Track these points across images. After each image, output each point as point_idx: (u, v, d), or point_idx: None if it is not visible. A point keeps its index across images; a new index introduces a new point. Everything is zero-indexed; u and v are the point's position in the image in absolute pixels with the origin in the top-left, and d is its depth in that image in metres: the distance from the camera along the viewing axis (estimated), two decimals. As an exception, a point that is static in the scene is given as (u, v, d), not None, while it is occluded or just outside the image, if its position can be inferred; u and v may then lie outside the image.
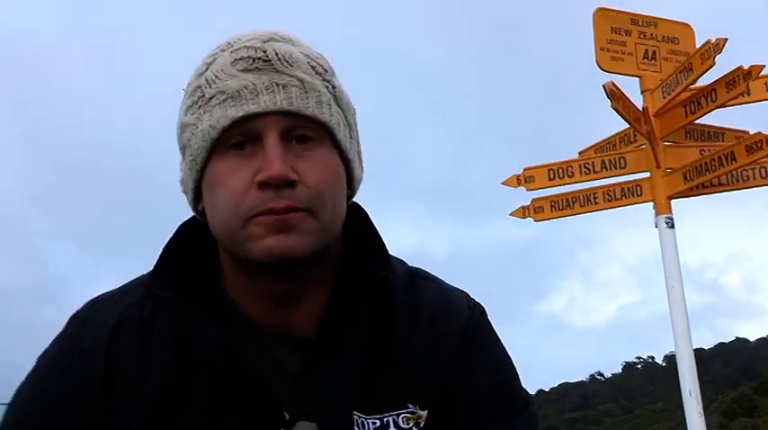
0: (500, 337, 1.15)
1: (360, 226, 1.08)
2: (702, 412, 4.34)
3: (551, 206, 5.05)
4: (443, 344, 1.07)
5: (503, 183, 5.12)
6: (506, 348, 1.15)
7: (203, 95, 0.97)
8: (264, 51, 0.95)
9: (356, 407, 1.00)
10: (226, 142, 0.94)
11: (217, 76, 0.96)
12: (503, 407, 1.07)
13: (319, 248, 0.95)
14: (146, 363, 0.99)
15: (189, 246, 1.04)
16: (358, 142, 1.06)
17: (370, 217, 1.10)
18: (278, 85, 0.94)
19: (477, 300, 1.15)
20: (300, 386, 0.99)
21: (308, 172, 0.94)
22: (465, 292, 1.16)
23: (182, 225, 1.07)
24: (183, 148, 1.01)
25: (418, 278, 1.14)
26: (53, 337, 1.06)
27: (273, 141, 0.93)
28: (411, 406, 1.03)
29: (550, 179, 4.97)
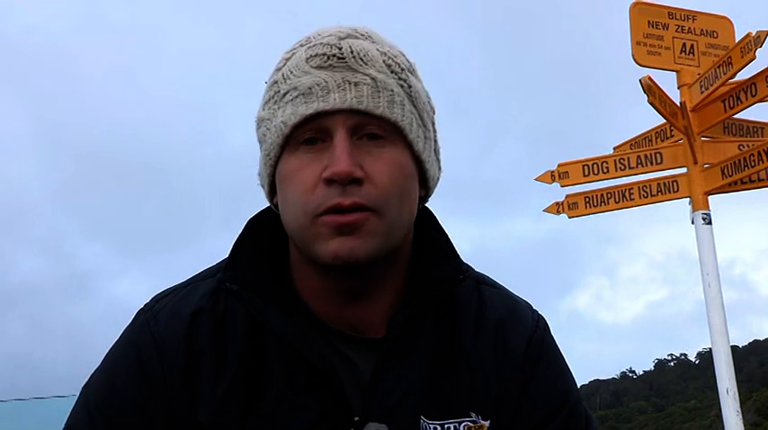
0: (560, 349, 1.15)
1: (429, 228, 1.08)
2: (740, 410, 4.29)
3: (585, 202, 5.00)
4: (509, 356, 1.06)
5: (536, 179, 5.08)
6: (566, 360, 1.15)
7: (278, 91, 0.98)
8: (340, 48, 0.96)
9: (422, 410, 1.00)
10: (297, 138, 0.96)
11: (292, 72, 0.97)
12: (565, 422, 1.08)
13: (384, 251, 0.95)
14: (222, 354, 0.99)
15: (260, 239, 1.05)
16: (435, 141, 1.06)
17: (438, 219, 1.10)
18: (349, 83, 0.94)
19: (539, 311, 1.15)
20: (371, 386, 0.99)
21: (377, 170, 0.94)
22: (528, 303, 1.16)
23: (253, 218, 1.07)
24: (259, 142, 1.03)
25: (485, 285, 1.13)
26: (123, 329, 1.06)
27: (341, 138, 0.93)
28: (473, 415, 1.03)
29: (585, 175, 4.92)
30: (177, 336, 1.00)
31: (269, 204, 1.06)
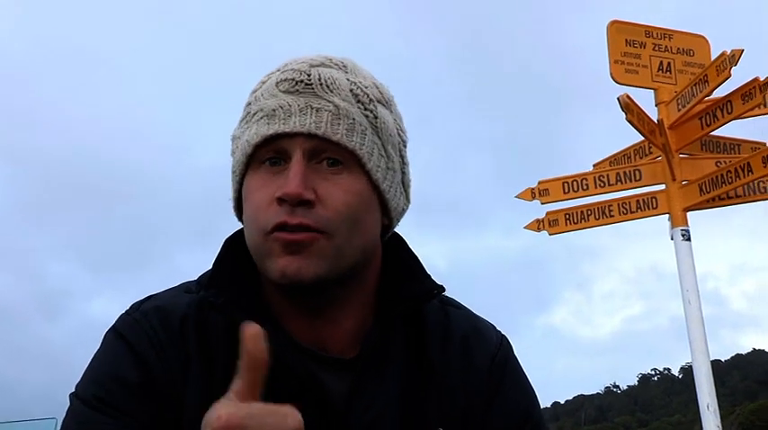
0: (523, 368, 1.17)
1: (399, 254, 1.10)
2: (720, 425, 4.30)
3: (565, 219, 5.03)
4: (475, 373, 1.09)
5: (517, 197, 5.11)
6: (529, 378, 1.18)
7: (249, 112, 1.02)
8: (309, 75, 0.99)
9: (395, 426, 1.01)
10: (260, 157, 0.99)
11: (262, 95, 1.01)
12: None
13: (334, 273, 0.96)
14: (207, 362, 0.99)
15: (236, 257, 1.05)
16: (402, 172, 1.08)
17: (407, 242, 1.12)
18: (311, 108, 0.97)
19: (502, 331, 1.18)
20: (349, 403, 0.99)
21: (330, 194, 0.96)
22: (492, 324, 1.19)
23: (229, 236, 1.08)
24: (232, 158, 1.06)
25: (450, 306, 1.16)
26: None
27: (297, 161, 0.95)
28: None
29: (565, 192, 4.95)
30: (172, 336, 1.00)
31: (238, 220, 1.07)
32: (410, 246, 1.12)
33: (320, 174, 0.96)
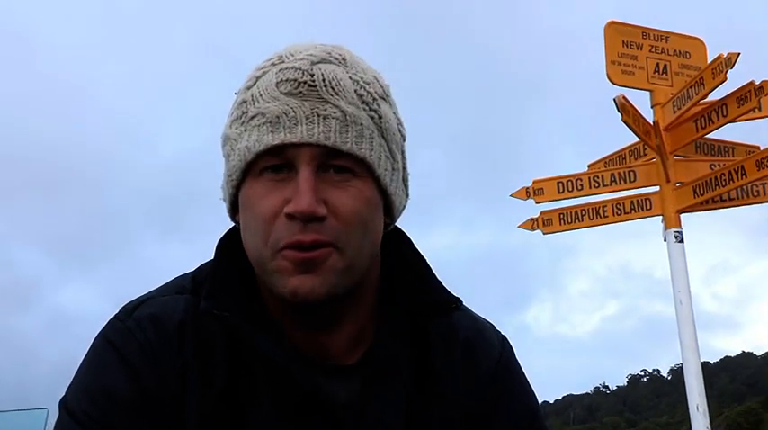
0: (523, 369, 1.16)
1: (404, 251, 1.07)
2: (710, 426, 4.32)
3: (560, 219, 5.04)
4: (478, 378, 1.07)
5: (512, 196, 5.11)
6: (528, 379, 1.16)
7: (246, 112, 0.95)
8: (312, 75, 0.93)
9: None
10: (261, 164, 0.93)
11: (261, 95, 0.94)
12: None
13: (345, 286, 0.94)
14: (205, 370, 0.96)
15: (232, 262, 1.02)
16: (404, 169, 1.04)
17: (412, 241, 1.09)
18: (318, 116, 0.91)
19: (501, 331, 1.17)
20: (354, 415, 0.97)
21: (340, 204, 0.92)
22: (492, 324, 1.17)
23: (221, 239, 1.04)
24: (224, 158, 1.00)
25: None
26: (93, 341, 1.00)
27: (306, 174, 0.91)
28: None
29: (560, 192, 4.96)
30: (168, 346, 0.96)
31: (226, 217, 1.04)
32: (415, 245, 1.09)
33: (328, 183, 0.92)
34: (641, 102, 4.80)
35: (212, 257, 1.04)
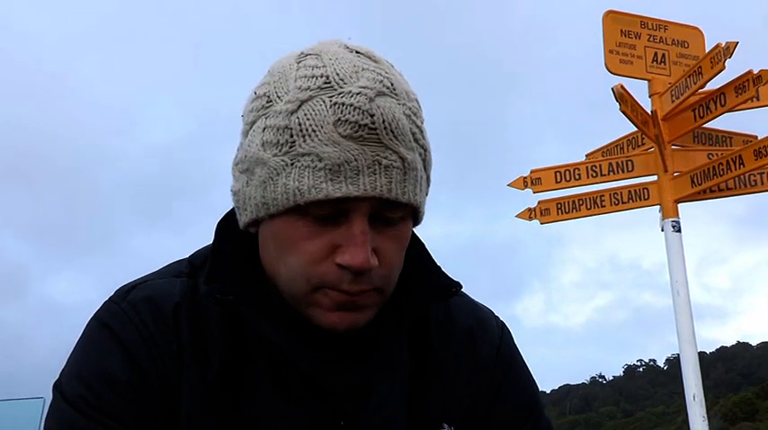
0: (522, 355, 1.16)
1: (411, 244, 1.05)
2: (706, 416, 4.34)
3: (558, 208, 5.04)
4: (479, 365, 1.07)
5: (509, 185, 5.11)
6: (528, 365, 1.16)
7: (294, 143, 0.87)
8: (372, 115, 0.85)
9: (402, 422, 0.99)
10: (312, 209, 0.87)
11: (315, 132, 0.86)
12: (534, 427, 1.09)
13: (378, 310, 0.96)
14: (202, 353, 0.94)
15: (234, 246, 0.99)
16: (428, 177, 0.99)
17: (418, 236, 1.07)
18: (380, 165, 0.86)
19: (500, 317, 1.16)
20: (362, 397, 0.97)
21: (387, 250, 0.91)
22: (491, 310, 1.16)
23: (221, 222, 1.02)
24: (247, 172, 0.93)
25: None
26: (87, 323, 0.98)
27: (363, 226, 0.87)
28: (446, 426, 1.02)
29: (557, 182, 4.96)
30: (164, 328, 0.94)
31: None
32: (419, 238, 1.07)
33: (377, 229, 0.89)
34: (639, 91, 4.80)
35: (211, 240, 1.02)
